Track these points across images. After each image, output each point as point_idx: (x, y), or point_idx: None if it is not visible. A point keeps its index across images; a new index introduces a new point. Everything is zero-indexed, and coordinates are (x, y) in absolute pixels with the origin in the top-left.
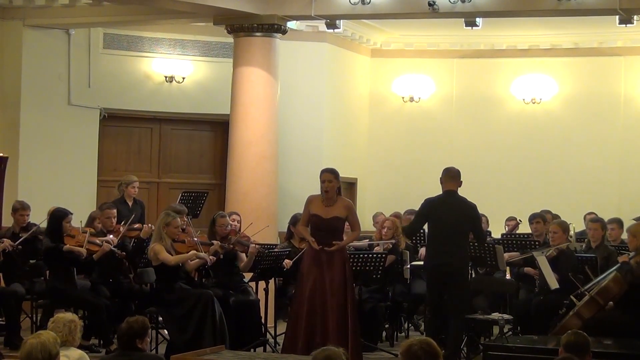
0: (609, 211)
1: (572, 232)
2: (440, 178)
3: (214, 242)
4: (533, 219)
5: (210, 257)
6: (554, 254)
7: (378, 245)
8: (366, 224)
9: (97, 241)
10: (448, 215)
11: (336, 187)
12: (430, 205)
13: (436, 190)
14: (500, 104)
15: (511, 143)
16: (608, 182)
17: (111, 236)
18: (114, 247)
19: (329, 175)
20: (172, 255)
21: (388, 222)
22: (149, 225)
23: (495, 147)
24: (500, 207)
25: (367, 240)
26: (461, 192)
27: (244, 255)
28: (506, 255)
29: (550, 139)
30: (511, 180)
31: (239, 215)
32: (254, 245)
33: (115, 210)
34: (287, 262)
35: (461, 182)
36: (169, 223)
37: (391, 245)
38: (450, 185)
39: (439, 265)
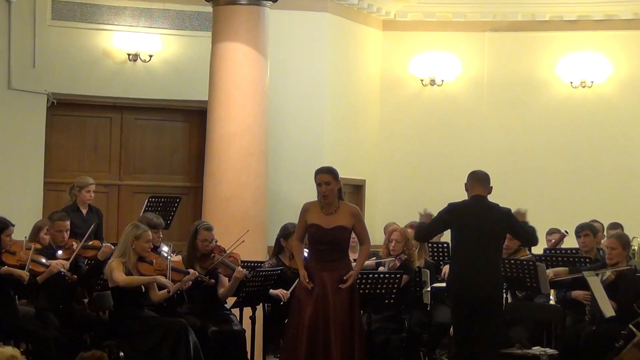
0: None
1: (635, 247)
2: (465, 184)
3: (191, 271)
4: (580, 231)
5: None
6: (612, 277)
7: (384, 264)
8: (377, 236)
9: (43, 260)
10: (476, 224)
11: (336, 189)
12: (453, 212)
13: (463, 195)
14: (542, 89)
15: (556, 136)
16: None
17: (60, 252)
18: (65, 268)
19: (327, 176)
20: (134, 275)
21: (396, 234)
22: (109, 245)
23: (536, 142)
24: (543, 217)
25: (375, 258)
26: (492, 198)
27: (227, 280)
28: (551, 271)
29: (604, 131)
30: (555, 183)
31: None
32: (240, 270)
33: (68, 222)
34: (283, 294)
35: (491, 187)
36: (139, 236)
37: (399, 263)
38: (478, 190)
39: (466, 286)
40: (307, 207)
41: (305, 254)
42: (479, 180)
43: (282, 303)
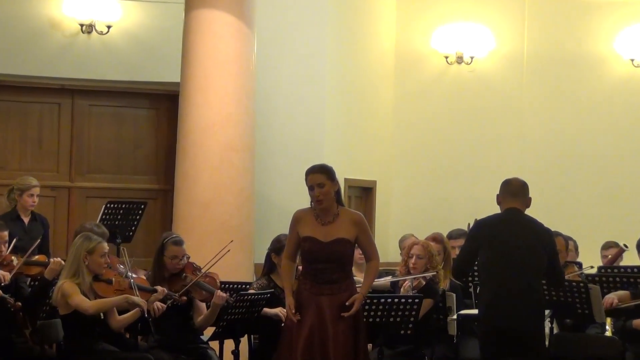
0: None
1: None
2: (497, 195)
3: (158, 288)
4: None
5: (158, 305)
6: None
7: (405, 282)
8: (391, 250)
9: None
10: (511, 241)
11: (333, 192)
12: (482, 227)
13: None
14: (596, 68)
15: (613, 126)
16: None
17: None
18: (4, 288)
19: (319, 177)
20: (90, 300)
21: (417, 248)
22: (59, 260)
23: (588, 133)
24: (597, 227)
25: (390, 277)
26: (537, 204)
27: (203, 305)
28: (615, 295)
29: None
30: (612, 184)
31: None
32: (220, 294)
33: (7, 233)
34: (284, 313)
35: (530, 199)
36: (92, 250)
37: (424, 282)
38: (512, 203)
39: (498, 317)
40: (299, 216)
41: None
42: (514, 194)
43: (283, 324)
